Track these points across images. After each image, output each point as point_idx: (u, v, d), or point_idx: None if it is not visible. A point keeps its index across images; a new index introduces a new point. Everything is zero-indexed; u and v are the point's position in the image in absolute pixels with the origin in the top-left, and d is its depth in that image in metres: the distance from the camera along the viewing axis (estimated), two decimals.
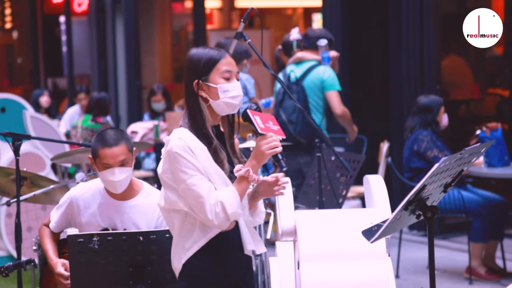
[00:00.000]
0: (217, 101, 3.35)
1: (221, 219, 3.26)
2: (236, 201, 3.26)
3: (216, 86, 3.35)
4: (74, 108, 11.07)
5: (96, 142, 4.17)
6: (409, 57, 8.56)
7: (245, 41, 5.06)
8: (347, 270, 3.71)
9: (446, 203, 6.94)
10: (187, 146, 3.28)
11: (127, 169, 4.15)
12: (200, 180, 3.26)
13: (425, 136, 7.07)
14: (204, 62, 3.37)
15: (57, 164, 9.06)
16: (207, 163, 3.30)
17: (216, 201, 3.24)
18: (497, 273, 6.99)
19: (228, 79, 3.37)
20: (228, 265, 3.39)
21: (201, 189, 3.25)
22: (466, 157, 3.14)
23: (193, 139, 3.32)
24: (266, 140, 3.25)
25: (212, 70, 3.36)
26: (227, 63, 3.38)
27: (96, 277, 3.89)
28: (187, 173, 3.27)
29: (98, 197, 4.25)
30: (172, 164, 3.29)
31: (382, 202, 3.96)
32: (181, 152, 3.28)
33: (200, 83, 3.36)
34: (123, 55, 13.85)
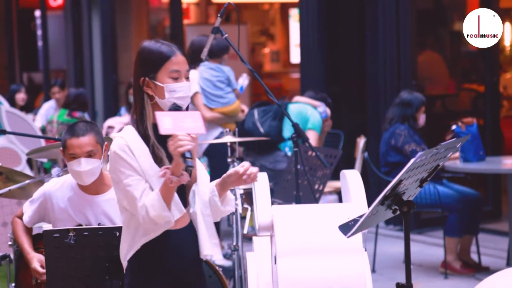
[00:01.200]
0: (163, 100, 3.30)
1: (147, 222, 3.24)
2: (159, 204, 3.21)
3: (163, 86, 3.29)
4: (50, 103, 11.02)
5: (65, 134, 4.20)
6: (385, 52, 8.58)
7: (222, 36, 5.06)
8: (324, 265, 3.72)
9: (422, 198, 6.98)
10: (127, 146, 3.25)
11: (95, 160, 4.14)
12: (135, 181, 3.24)
13: (402, 131, 7.11)
14: (153, 59, 3.31)
15: (32, 159, 9.02)
16: (146, 163, 3.26)
17: (142, 204, 3.23)
18: (472, 268, 7.03)
19: (176, 78, 3.30)
20: (173, 265, 3.35)
21: (134, 190, 3.23)
22: (442, 152, 3.15)
23: (136, 138, 3.28)
24: (172, 141, 3.17)
25: (161, 68, 3.29)
26: (177, 62, 3.31)
27: (72, 272, 3.87)
28: (124, 173, 3.25)
29: (71, 192, 4.24)
30: (112, 163, 3.28)
31: (358, 197, 3.97)
32: (119, 152, 3.25)
33: (147, 80, 3.31)
34: (100, 50, 13.78)
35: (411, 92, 7.40)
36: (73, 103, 9.01)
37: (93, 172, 4.15)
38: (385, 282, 6.68)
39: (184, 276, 3.40)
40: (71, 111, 9.02)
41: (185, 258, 3.38)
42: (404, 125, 7.16)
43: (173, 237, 3.34)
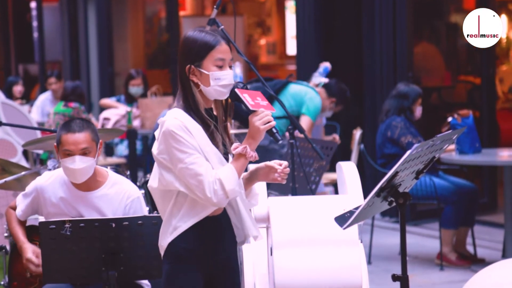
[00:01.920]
0: (207, 88, 3.36)
1: (220, 196, 3.26)
2: (234, 178, 3.27)
3: (208, 73, 3.35)
4: (46, 94, 10.99)
5: (60, 130, 4.14)
6: (382, 44, 8.58)
7: (218, 27, 5.04)
8: (320, 256, 3.72)
9: (418, 189, 6.98)
10: (184, 125, 3.29)
11: (89, 159, 4.09)
12: (198, 158, 3.27)
13: (399, 123, 7.11)
14: (199, 48, 3.36)
15: (28, 150, 9.01)
16: (204, 141, 3.31)
17: (214, 179, 3.25)
18: (468, 259, 7.04)
19: (221, 66, 3.36)
20: (213, 251, 3.39)
21: (199, 167, 3.25)
22: (438, 144, 3.16)
23: (189, 119, 3.32)
24: (259, 116, 3.28)
25: (206, 56, 3.35)
26: (222, 50, 3.37)
27: (68, 263, 3.87)
28: (186, 152, 3.27)
29: (63, 188, 4.19)
30: (169, 143, 3.29)
31: (354, 189, 3.97)
32: (178, 131, 3.28)
33: (193, 68, 3.36)
34: (95, 41, 13.76)
35: (408, 84, 7.40)
36: (71, 95, 8.99)
37: (86, 171, 4.10)
38: (380, 273, 6.69)
39: (222, 262, 3.43)
40: (67, 101, 8.99)
41: (227, 244, 3.42)
42: (401, 117, 7.16)
43: (214, 223, 3.37)
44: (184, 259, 3.36)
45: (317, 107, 7.23)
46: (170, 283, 3.37)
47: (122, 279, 3.93)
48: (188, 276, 3.36)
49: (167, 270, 3.38)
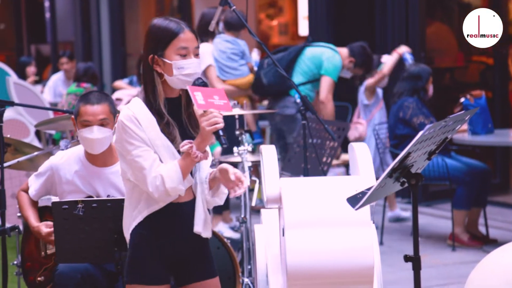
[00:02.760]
0: (171, 77, 3.31)
1: (160, 193, 3.25)
2: (177, 176, 3.24)
3: (171, 63, 3.29)
4: (58, 75, 11.01)
5: (79, 102, 4.19)
6: (394, 24, 8.55)
7: (229, 8, 5.03)
8: (332, 237, 3.72)
9: (430, 170, 6.98)
10: (134, 117, 3.26)
11: (107, 130, 4.14)
12: (144, 151, 3.25)
13: (411, 103, 7.09)
14: (161, 37, 3.30)
15: (41, 130, 9.03)
16: (154, 134, 3.27)
17: (157, 174, 3.23)
18: (480, 240, 7.04)
19: (184, 55, 3.30)
20: (173, 241, 3.37)
21: (144, 161, 3.24)
22: (450, 124, 3.15)
23: (143, 110, 3.28)
24: (206, 117, 3.20)
25: (168, 45, 3.30)
26: (185, 39, 3.31)
27: (81, 243, 3.89)
28: (133, 144, 3.25)
29: (79, 164, 4.23)
30: (120, 134, 3.28)
31: (366, 170, 3.96)
32: (127, 123, 3.26)
33: (156, 58, 3.31)
34: (107, 22, 13.75)
35: (417, 64, 7.38)
36: (83, 76, 9.00)
37: (104, 142, 4.15)
38: (393, 254, 6.70)
39: (187, 250, 3.42)
40: (80, 82, 9.01)
41: (188, 233, 3.39)
42: (413, 98, 7.14)
43: (178, 210, 3.36)
44: (142, 246, 3.35)
45: (336, 65, 7.20)
46: (131, 269, 3.37)
47: None
48: (148, 263, 3.35)
49: (128, 256, 3.39)
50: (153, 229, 3.34)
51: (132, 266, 3.37)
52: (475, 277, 3.57)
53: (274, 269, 4.02)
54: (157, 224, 3.34)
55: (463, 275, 5.35)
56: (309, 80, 7.24)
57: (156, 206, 3.32)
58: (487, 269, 3.55)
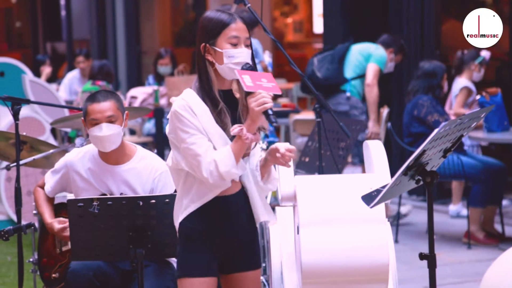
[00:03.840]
0: (221, 66, 3.34)
1: (215, 178, 3.26)
2: (230, 159, 3.26)
3: (222, 51, 3.33)
4: (73, 72, 11.03)
5: (86, 102, 4.22)
6: (409, 22, 8.52)
7: (244, 5, 5.03)
8: (346, 235, 3.72)
9: (445, 168, 6.95)
10: (188, 106, 3.29)
11: (116, 126, 4.15)
12: (199, 139, 3.28)
13: (425, 101, 7.07)
14: (213, 26, 3.35)
15: (56, 128, 9.06)
16: (208, 123, 3.30)
17: (211, 160, 3.26)
18: (496, 238, 7.01)
19: (235, 44, 3.34)
20: (223, 232, 3.39)
21: (199, 148, 3.26)
22: (466, 122, 3.14)
23: (196, 99, 3.32)
24: (254, 98, 3.23)
25: (220, 34, 3.34)
26: (236, 28, 3.35)
27: (96, 241, 3.90)
28: (187, 132, 3.28)
29: (92, 162, 4.25)
30: (174, 123, 3.31)
31: (381, 168, 3.96)
32: (181, 111, 3.29)
33: (207, 46, 3.35)
34: (123, 20, 13.78)
35: (430, 61, 7.36)
36: (98, 74, 9.01)
37: (114, 139, 4.15)
38: (408, 252, 6.69)
39: (238, 242, 3.43)
40: (95, 80, 9.03)
41: (239, 225, 3.41)
42: (427, 96, 7.12)
43: (227, 202, 3.38)
44: (192, 239, 3.36)
45: (383, 56, 7.58)
46: (181, 263, 3.39)
47: (150, 257, 3.96)
48: (197, 256, 3.36)
49: (178, 250, 3.41)
50: (203, 222, 3.36)
51: (184, 259, 3.39)
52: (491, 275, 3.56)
53: (288, 267, 4.02)
54: (207, 217, 3.36)
55: (479, 273, 5.34)
56: (359, 75, 7.53)
57: (208, 196, 3.34)
58: (503, 267, 3.54)
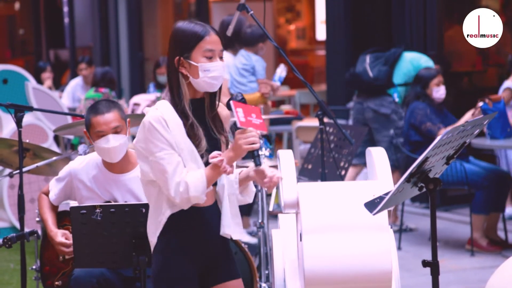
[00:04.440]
0: (197, 80, 3.32)
1: (183, 199, 3.25)
2: (202, 185, 3.24)
3: (197, 65, 3.30)
4: (76, 80, 11.04)
5: (88, 113, 4.19)
6: (412, 28, 8.53)
7: (247, 13, 5.04)
8: (349, 242, 3.72)
9: (448, 175, 6.94)
10: (162, 118, 3.26)
11: (122, 136, 4.15)
12: (168, 154, 3.25)
13: (421, 110, 7.04)
14: (187, 39, 3.32)
15: (59, 135, 9.07)
16: (180, 137, 3.27)
17: (181, 180, 3.23)
18: (499, 245, 7.00)
19: (210, 58, 3.32)
20: (203, 244, 3.38)
21: (168, 164, 3.24)
22: (468, 129, 3.14)
23: (171, 111, 3.29)
24: (245, 135, 3.22)
25: (195, 47, 3.31)
26: (211, 41, 3.32)
27: (99, 248, 3.90)
28: (158, 146, 3.25)
29: (96, 171, 4.25)
30: (145, 134, 3.28)
31: (384, 174, 3.96)
32: (154, 124, 3.26)
33: (182, 60, 3.32)
34: (125, 27, 13.80)
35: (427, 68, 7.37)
36: (101, 81, 9.02)
37: (121, 149, 4.16)
38: (411, 259, 6.68)
39: (213, 253, 3.43)
40: (98, 87, 9.04)
41: (214, 236, 3.40)
42: (424, 103, 7.09)
43: (201, 214, 3.36)
44: (175, 252, 3.34)
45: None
46: (159, 277, 3.36)
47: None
48: (179, 267, 3.35)
49: (157, 263, 3.36)
50: (178, 233, 3.34)
51: (162, 271, 3.36)
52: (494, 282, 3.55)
53: (291, 274, 4.01)
54: (182, 228, 3.35)
55: (482, 280, 5.34)
56: (406, 82, 7.68)
57: (177, 207, 3.32)
58: (506, 274, 3.53)
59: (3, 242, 4.25)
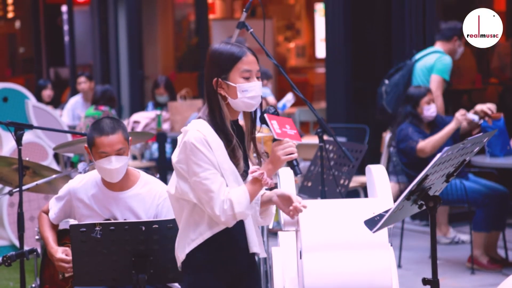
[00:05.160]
0: (235, 100, 3.34)
1: (228, 217, 3.26)
2: (246, 201, 3.26)
3: (235, 86, 3.33)
4: (76, 98, 11.06)
5: (92, 131, 4.16)
6: (412, 47, 8.54)
7: (247, 30, 5.06)
8: (349, 260, 3.71)
9: (448, 193, 6.93)
10: (205, 139, 3.28)
11: (124, 157, 4.14)
12: (213, 174, 3.26)
13: (402, 130, 6.96)
14: (225, 60, 3.34)
15: (59, 153, 9.07)
16: (222, 158, 3.30)
17: (225, 198, 3.25)
18: (499, 263, 6.99)
19: (247, 78, 3.35)
20: (231, 261, 3.40)
21: (212, 184, 3.25)
22: (468, 147, 3.14)
23: (211, 132, 3.31)
24: (282, 146, 3.25)
25: (232, 68, 3.34)
26: (248, 61, 3.35)
27: (98, 266, 3.89)
28: (201, 166, 3.27)
29: (96, 189, 4.23)
30: (188, 155, 3.29)
31: (384, 192, 3.96)
32: (197, 145, 3.27)
33: (220, 81, 3.35)
34: (125, 45, 13.83)
35: (417, 85, 7.27)
36: (101, 99, 9.02)
37: (122, 170, 4.15)
38: (411, 277, 6.66)
39: (240, 269, 3.45)
40: (98, 105, 9.04)
41: (242, 253, 3.43)
42: (405, 123, 7.00)
43: (228, 231, 3.37)
44: (204, 269, 3.37)
45: (445, 64, 7.59)
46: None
47: (152, 282, 3.95)
48: (210, 285, 3.37)
49: (188, 280, 3.40)
50: (207, 249, 3.36)
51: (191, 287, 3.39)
52: None
53: None
54: (215, 246, 3.36)
55: None
56: None
57: (217, 228, 3.34)
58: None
59: (3, 260, 4.25)
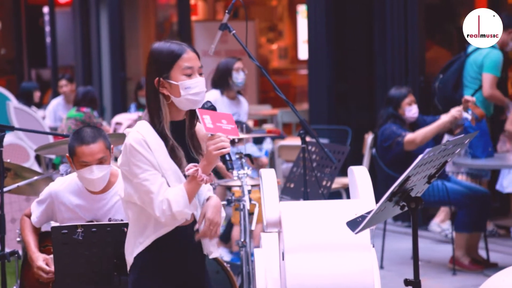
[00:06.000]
0: (179, 98, 3.31)
1: (167, 217, 3.25)
2: (183, 200, 3.25)
3: (178, 84, 3.30)
4: (58, 99, 11.01)
5: (73, 141, 4.12)
6: (393, 48, 8.57)
7: (229, 32, 5.06)
8: (332, 261, 3.72)
9: (430, 194, 6.95)
10: (144, 140, 3.26)
11: (106, 166, 4.11)
12: (152, 175, 3.25)
13: (387, 129, 6.97)
14: (165, 58, 3.31)
15: (41, 155, 9.03)
16: (162, 158, 3.28)
17: (163, 198, 3.24)
18: (481, 264, 7.01)
19: (189, 75, 3.31)
20: (179, 261, 3.38)
21: (152, 185, 3.24)
22: (450, 148, 3.15)
23: (151, 133, 3.29)
24: (213, 141, 3.22)
25: (173, 66, 3.30)
26: (189, 58, 3.32)
27: (80, 268, 3.88)
28: (141, 168, 3.25)
29: (77, 192, 4.21)
30: (128, 157, 3.28)
31: (366, 193, 3.96)
32: (136, 146, 3.26)
33: (162, 80, 3.31)
34: (108, 46, 13.80)
35: (398, 87, 7.21)
36: (82, 101, 9.00)
37: (104, 179, 4.13)
38: (393, 278, 6.68)
39: (189, 272, 3.43)
40: (79, 106, 9.02)
41: (190, 254, 3.41)
42: (387, 124, 6.98)
43: (179, 233, 3.36)
44: (148, 271, 3.35)
45: (493, 60, 7.53)
46: None
47: None
48: (155, 286, 3.35)
49: (133, 280, 3.37)
50: (159, 252, 3.35)
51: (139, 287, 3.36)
52: None
53: None
54: (163, 248, 3.35)
55: None
56: (479, 86, 7.58)
57: (163, 230, 3.33)
58: None
59: None
